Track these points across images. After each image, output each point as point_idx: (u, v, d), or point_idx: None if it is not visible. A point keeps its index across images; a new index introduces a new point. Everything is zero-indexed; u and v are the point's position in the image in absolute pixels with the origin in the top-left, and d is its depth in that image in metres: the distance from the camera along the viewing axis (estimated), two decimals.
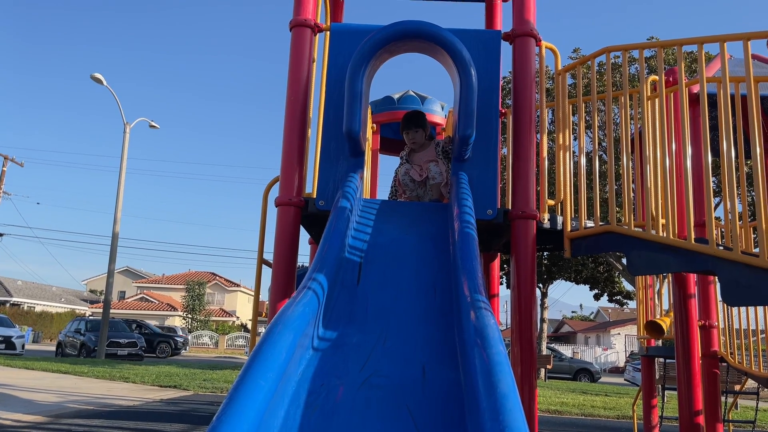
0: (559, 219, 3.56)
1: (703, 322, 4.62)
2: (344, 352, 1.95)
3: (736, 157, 3.02)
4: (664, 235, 2.99)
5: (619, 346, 45.67)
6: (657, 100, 3.24)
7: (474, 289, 1.97)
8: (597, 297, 25.65)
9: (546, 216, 3.53)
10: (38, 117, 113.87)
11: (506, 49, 3.65)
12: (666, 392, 8.58)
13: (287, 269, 3.30)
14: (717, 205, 16.49)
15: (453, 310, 2.20)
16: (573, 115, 3.80)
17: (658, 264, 3.06)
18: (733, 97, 3.21)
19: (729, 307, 5.40)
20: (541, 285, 24.06)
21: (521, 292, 3.23)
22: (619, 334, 46.63)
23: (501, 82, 3.73)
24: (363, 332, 2.08)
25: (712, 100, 4.30)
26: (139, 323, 28.02)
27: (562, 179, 3.59)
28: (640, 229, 3.18)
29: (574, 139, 12.75)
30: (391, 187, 4.03)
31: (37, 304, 47.04)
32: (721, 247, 2.90)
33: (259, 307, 3.81)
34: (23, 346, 22.22)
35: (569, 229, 3.46)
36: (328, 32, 3.65)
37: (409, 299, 2.36)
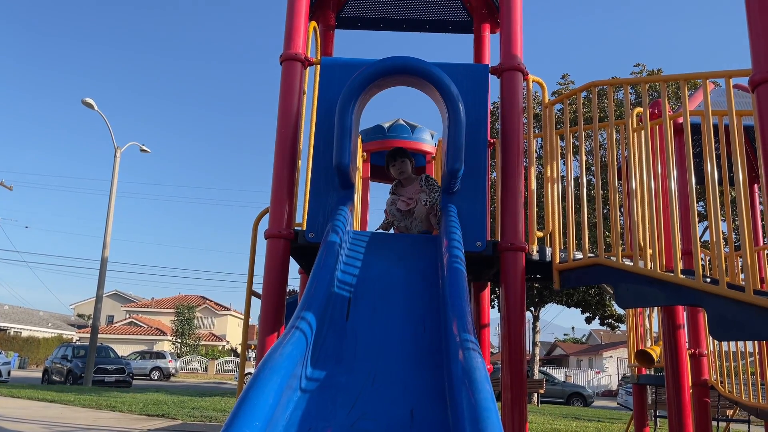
0: (548, 250, 3.58)
1: (693, 350, 4.63)
2: (332, 393, 1.93)
3: (720, 182, 3.05)
4: (652, 266, 3.00)
5: (611, 369, 45.48)
6: (642, 132, 3.29)
7: (463, 328, 1.97)
8: (588, 320, 25.62)
9: (535, 248, 3.55)
10: (29, 140, 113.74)
11: (495, 79, 3.70)
12: (658, 419, 8.54)
13: (276, 301, 3.28)
14: (704, 231, 16.56)
15: (441, 347, 2.20)
16: (561, 140, 3.85)
17: (645, 297, 3.07)
18: (716, 126, 3.26)
19: None
20: (532, 308, 24.01)
21: (511, 322, 3.25)
22: (611, 356, 46.48)
23: (490, 108, 3.77)
24: (351, 372, 2.07)
25: (697, 128, 4.37)
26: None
27: (550, 211, 3.62)
28: (629, 261, 3.19)
29: (563, 164, 12.85)
30: (384, 219, 4.06)
31: (24, 329, 46.36)
32: (708, 280, 2.91)
33: (249, 332, 3.79)
34: (9, 373, 21.86)
35: (558, 260, 3.48)
36: (318, 65, 3.69)
37: (397, 336, 2.36)
